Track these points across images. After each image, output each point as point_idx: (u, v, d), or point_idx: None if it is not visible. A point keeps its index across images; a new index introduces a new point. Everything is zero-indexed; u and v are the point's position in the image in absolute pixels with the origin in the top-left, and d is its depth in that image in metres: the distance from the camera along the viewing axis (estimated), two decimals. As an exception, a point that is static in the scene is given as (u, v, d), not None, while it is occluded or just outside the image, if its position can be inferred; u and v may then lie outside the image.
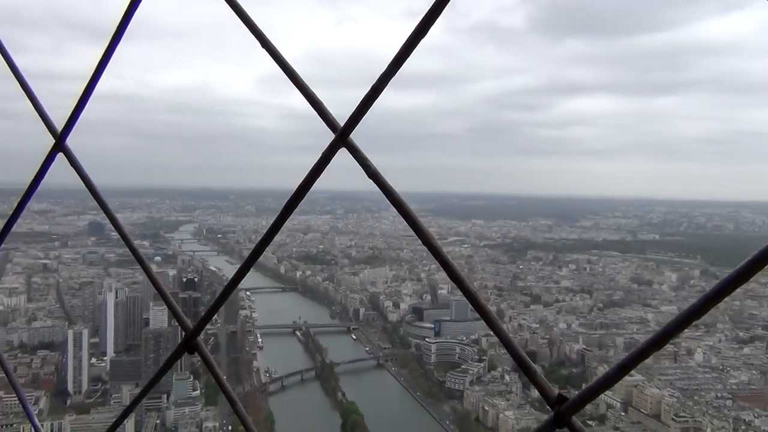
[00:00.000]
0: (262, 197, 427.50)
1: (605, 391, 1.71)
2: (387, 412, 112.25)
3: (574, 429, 1.68)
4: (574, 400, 1.66)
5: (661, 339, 1.48)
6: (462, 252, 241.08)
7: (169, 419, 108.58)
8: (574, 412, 1.66)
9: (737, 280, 1.37)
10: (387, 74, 1.96)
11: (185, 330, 2.64)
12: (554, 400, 1.69)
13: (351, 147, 2.10)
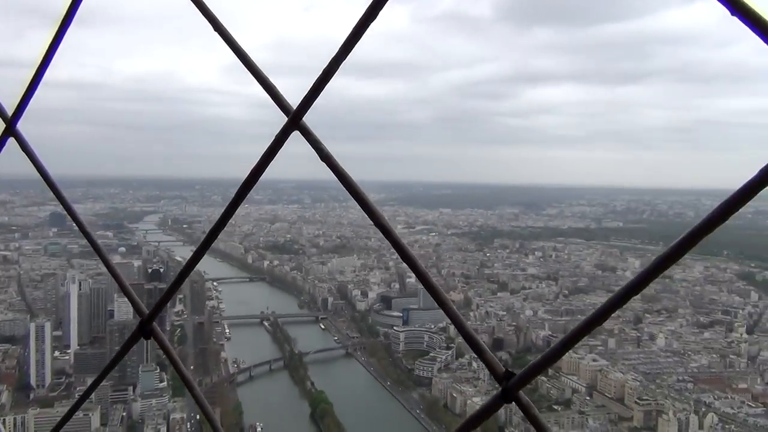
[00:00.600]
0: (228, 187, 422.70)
1: (550, 366, 1.79)
2: (356, 401, 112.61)
3: (521, 403, 1.74)
4: (520, 375, 1.72)
5: (601, 315, 1.55)
6: (430, 240, 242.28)
7: (136, 411, 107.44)
8: (521, 387, 1.72)
9: (671, 257, 1.42)
10: (338, 57, 1.94)
11: (140, 315, 2.66)
12: (502, 376, 1.75)
13: (304, 130, 2.10)
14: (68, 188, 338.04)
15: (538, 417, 1.75)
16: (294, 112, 2.10)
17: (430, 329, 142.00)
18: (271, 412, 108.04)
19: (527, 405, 1.75)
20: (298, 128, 2.10)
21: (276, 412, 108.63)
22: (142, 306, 2.70)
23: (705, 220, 1.34)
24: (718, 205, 1.31)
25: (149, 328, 2.65)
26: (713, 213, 1.32)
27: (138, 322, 2.59)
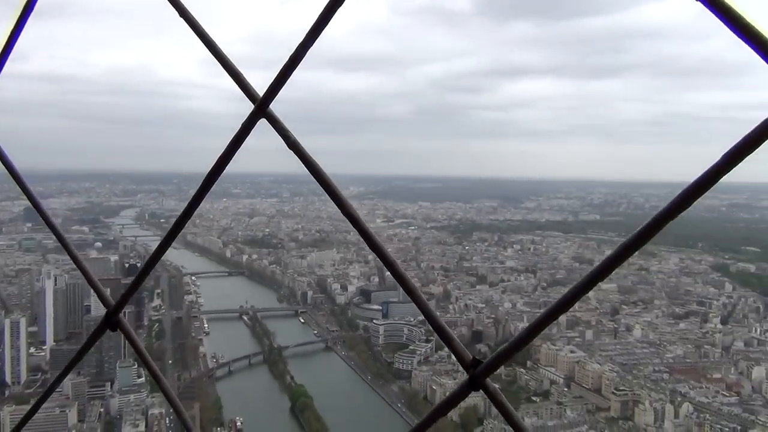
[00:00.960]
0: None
1: (516, 353, 1.76)
2: (336, 394, 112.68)
3: (488, 391, 1.76)
4: (487, 363, 1.73)
5: (565, 303, 1.56)
6: (409, 234, 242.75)
7: (114, 407, 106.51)
8: (488, 375, 1.74)
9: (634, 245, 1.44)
10: (305, 44, 1.94)
11: (107, 306, 2.65)
12: (469, 363, 1.75)
13: (270, 118, 2.08)
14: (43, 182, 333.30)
15: (505, 404, 1.75)
16: (260, 100, 2.08)
17: (410, 322, 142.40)
18: (251, 406, 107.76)
19: (494, 392, 1.76)
20: (265, 116, 2.08)
21: (256, 406, 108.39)
22: (108, 297, 2.70)
23: (665, 208, 1.37)
24: (679, 193, 1.35)
25: (115, 320, 2.63)
26: (674, 201, 1.36)
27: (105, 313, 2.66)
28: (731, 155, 1.23)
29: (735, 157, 1.23)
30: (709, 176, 1.29)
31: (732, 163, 1.24)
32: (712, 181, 1.29)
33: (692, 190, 1.34)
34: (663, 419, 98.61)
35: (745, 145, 1.21)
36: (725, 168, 1.25)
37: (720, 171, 1.26)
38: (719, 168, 1.26)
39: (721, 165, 1.26)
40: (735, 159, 1.23)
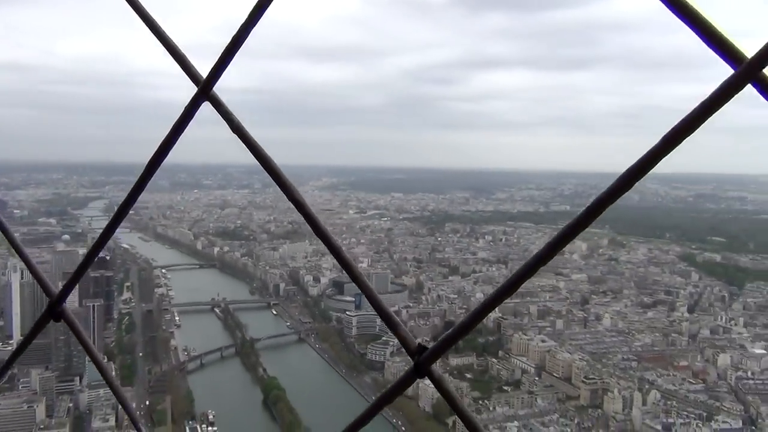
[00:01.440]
0: (176, 172, 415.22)
1: (460, 339, 1.76)
2: (309, 386, 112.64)
3: (433, 377, 1.75)
4: (432, 349, 1.73)
5: (510, 287, 1.55)
6: (381, 225, 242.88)
7: (83, 402, 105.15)
8: (434, 361, 1.73)
9: (576, 228, 1.45)
10: (248, 24, 1.89)
11: (50, 296, 2.60)
12: (415, 350, 1.75)
13: (214, 100, 2.04)
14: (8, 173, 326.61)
15: (450, 391, 1.74)
16: (204, 82, 2.03)
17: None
18: (223, 399, 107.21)
19: (439, 379, 1.75)
20: (208, 99, 2.04)
21: (228, 399, 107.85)
22: (50, 287, 2.65)
23: (608, 189, 1.40)
24: (621, 174, 1.37)
25: (58, 311, 2.58)
26: (617, 182, 1.38)
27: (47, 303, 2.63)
28: (668, 140, 1.27)
29: (672, 140, 1.27)
30: (649, 159, 1.31)
31: (670, 147, 1.28)
32: (652, 163, 1.31)
33: (633, 172, 1.35)
34: (631, 407, 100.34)
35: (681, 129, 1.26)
36: (663, 151, 1.29)
37: (658, 154, 1.29)
38: (657, 151, 1.29)
39: (659, 148, 1.29)
40: (672, 143, 1.27)
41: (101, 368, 2.46)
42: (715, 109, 1.26)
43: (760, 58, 1.18)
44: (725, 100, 1.24)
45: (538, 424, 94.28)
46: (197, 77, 2.08)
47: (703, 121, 1.27)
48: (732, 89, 1.22)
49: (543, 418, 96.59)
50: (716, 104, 1.24)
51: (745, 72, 1.19)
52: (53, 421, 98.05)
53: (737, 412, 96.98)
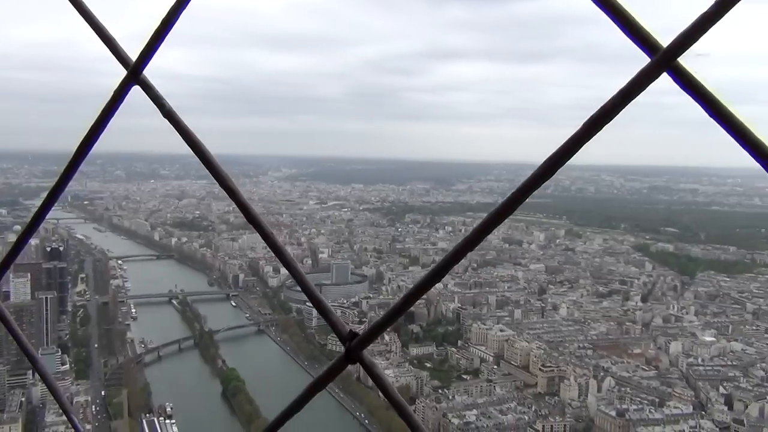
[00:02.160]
0: (132, 161, 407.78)
1: (391, 325, 1.77)
2: (269, 378, 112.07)
3: (364, 363, 1.77)
4: (362, 336, 1.75)
5: (438, 272, 1.55)
6: (342, 216, 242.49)
7: (36, 396, 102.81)
8: (364, 347, 1.75)
9: (503, 213, 1.47)
10: (177, 6, 1.85)
11: None
12: (346, 336, 1.77)
13: (144, 84, 2.00)
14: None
15: (381, 376, 1.74)
16: (133, 65, 1.99)
17: (343, 304, 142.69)
18: (182, 391, 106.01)
19: (370, 364, 1.77)
20: (138, 82, 2.00)
21: (186, 391, 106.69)
22: None
23: (531, 176, 1.40)
24: (543, 161, 1.39)
25: None
26: (539, 169, 1.38)
27: None
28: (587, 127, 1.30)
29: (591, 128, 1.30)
30: (569, 146, 1.33)
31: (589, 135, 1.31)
32: (572, 151, 1.34)
33: (555, 159, 1.36)
34: (587, 394, 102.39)
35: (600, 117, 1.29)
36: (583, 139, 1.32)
37: (579, 142, 1.32)
38: (578, 139, 1.32)
39: (579, 136, 1.33)
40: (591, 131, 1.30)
41: (32, 359, 2.31)
42: (632, 97, 1.28)
43: (674, 47, 1.20)
44: (642, 88, 1.26)
45: (496, 411, 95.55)
46: (126, 60, 2.03)
47: (621, 109, 1.29)
48: (648, 78, 1.24)
49: (501, 406, 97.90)
50: (633, 92, 1.26)
51: (660, 61, 1.21)
52: (5, 415, 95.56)
53: (688, 397, 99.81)
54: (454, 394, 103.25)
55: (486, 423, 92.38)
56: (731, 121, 1.17)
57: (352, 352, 1.75)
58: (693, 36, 1.18)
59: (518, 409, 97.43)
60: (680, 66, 1.22)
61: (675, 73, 1.22)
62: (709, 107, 1.20)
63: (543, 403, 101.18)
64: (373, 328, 1.71)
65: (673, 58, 1.21)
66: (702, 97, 1.20)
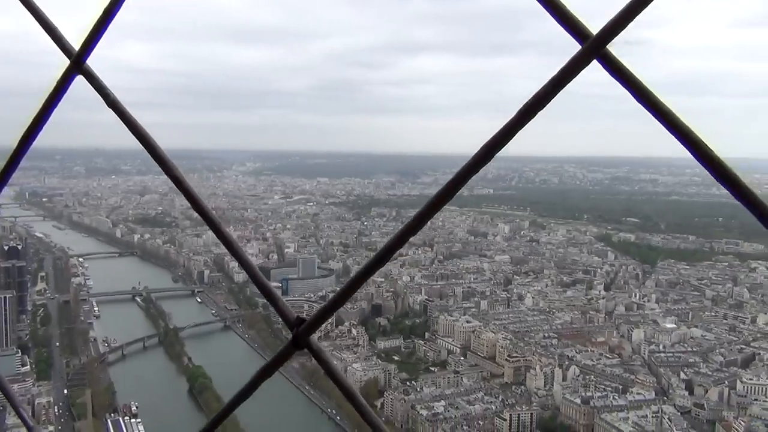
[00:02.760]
0: (92, 157, 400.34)
1: (337, 310, 1.79)
2: (236, 374, 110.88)
3: (312, 349, 1.78)
4: (309, 322, 1.76)
5: (381, 258, 1.58)
6: (307, 210, 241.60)
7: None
8: (311, 333, 1.76)
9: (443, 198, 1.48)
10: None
11: None
12: (293, 323, 1.78)
13: (88, 74, 1.96)
14: None
15: (329, 362, 1.75)
16: (76, 55, 1.94)
17: (310, 299, 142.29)
18: (147, 390, 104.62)
19: (318, 350, 1.78)
20: (81, 72, 1.96)
21: (152, 389, 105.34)
22: None
23: (469, 162, 1.42)
24: (480, 147, 1.41)
25: None
26: (477, 155, 1.41)
27: None
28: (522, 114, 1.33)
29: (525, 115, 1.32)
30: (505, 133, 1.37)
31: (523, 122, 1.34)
32: (508, 137, 1.37)
33: (491, 145, 1.38)
34: (552, 382, 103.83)
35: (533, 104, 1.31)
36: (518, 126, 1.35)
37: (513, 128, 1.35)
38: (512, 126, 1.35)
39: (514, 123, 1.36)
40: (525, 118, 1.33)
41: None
42: (564, 85, 1.30)
43: (603, 34, 1.23)
44: (573, 75, 1.29)
45: (464, 402, 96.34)
46: (69, 50, 1.99)
47: (553, 96, 1.31)
48: (579, 65, 1.27)
49: (469, 397, 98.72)
50: (564, 80, 1.29)
51: (590, 48, 1.24)
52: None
53: (650, 383, 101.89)
54: (422, 386, 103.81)
55: (454, 414, 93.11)
56: (659, 108, 1.19)
57: (299, 338, 1.77)
58: (621, 24, 1.20)
59: (485, 399, 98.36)
60: (609, 53, 1.24)
61: (604, 61, 1.25)
62: (637, 94, 1.22)
63: (510, 393, 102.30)
64: (319, 314, 1.72)
65: (602, 45, 1.23)
66: (631, 84, 1.22)
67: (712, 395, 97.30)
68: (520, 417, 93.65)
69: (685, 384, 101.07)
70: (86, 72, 1.98)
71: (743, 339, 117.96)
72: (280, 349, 1.83)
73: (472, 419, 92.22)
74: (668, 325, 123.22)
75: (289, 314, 1.80)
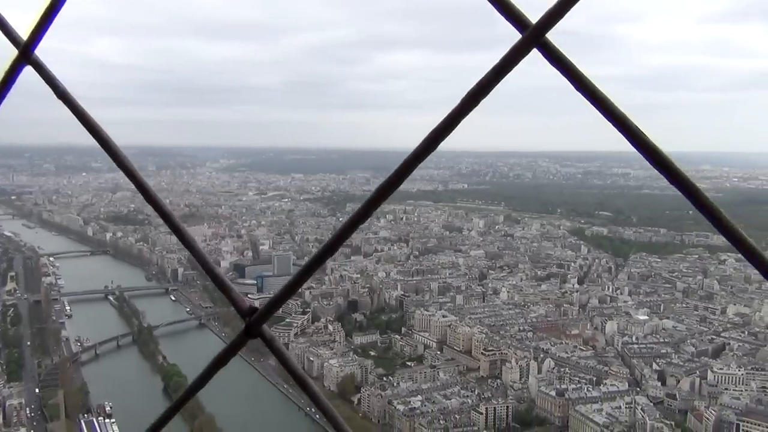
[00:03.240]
0: (62, 154, 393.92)
1: (289, 298, 1.78)
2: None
3: (265, 338, 1.79)
4: (261, 310, 1.76)
5: (331, 247, 1.60)
6: (282, 206, 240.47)
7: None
8: (264, 322, 1.76)
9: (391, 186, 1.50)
10: None
11: None
12: (246, 312, 1.78)
13: (36, 64, 1.93)
14: None
15: (281, 350, 1.76)
16: (24, 45, 1.91)
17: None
18: (121, 389, 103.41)
19: (271, 338, 1.77)
20: (29, 62, 1.93)
21: (126, 389, 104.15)
22: None
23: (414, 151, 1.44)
24: (425, 136, 1.43)
25: None
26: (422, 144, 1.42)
27: None
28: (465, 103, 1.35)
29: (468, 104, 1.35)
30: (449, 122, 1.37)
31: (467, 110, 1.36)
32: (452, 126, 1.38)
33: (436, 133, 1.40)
34: (528, 375, 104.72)
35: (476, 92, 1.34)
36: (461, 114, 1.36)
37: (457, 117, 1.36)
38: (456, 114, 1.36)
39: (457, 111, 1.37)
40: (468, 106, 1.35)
41: None
42: (505, 73, 1.33)
43: (542, 23, 1.26)
44: (513, 63, 1.31)
45: (440, 396, 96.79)
46: (17, 40, 1.95)
47: (495, 84, 1.35)
48: (519, 53, 1.29)
49: (445, 391, 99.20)
50: (506, 68, 1.32)
51: (530, 37, 1.26)
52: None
53: (624, 375, 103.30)
54: (398, 381, 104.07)
55: (431, 408, 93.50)
56: (596, 96, 1.21)
57: (252, 328, 1.76)
58: (559, 13, 1.23)
59: (462, 393, 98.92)
60: (549, 42, 1.26)
61: (544, 49, 1.27)
62: (576, 82, 1.24)
63: (486, 387, 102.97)
64: (272, 303, 1.72)
65: (541, 34, 1.26)
66: (569, 72, 1.24)
67: (683, 385, 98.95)
68: (496, 410, 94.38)
69: (658, 375, 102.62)
70: (34, 62, 1.94)
71: (714, 329, 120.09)
72: (233, 339, 1.82)
73: (448, 413, 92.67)
74: (641, 317, 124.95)
75: (242, 303, 1.79)
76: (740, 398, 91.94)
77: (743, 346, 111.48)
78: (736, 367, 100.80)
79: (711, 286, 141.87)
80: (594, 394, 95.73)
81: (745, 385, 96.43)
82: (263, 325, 1.76)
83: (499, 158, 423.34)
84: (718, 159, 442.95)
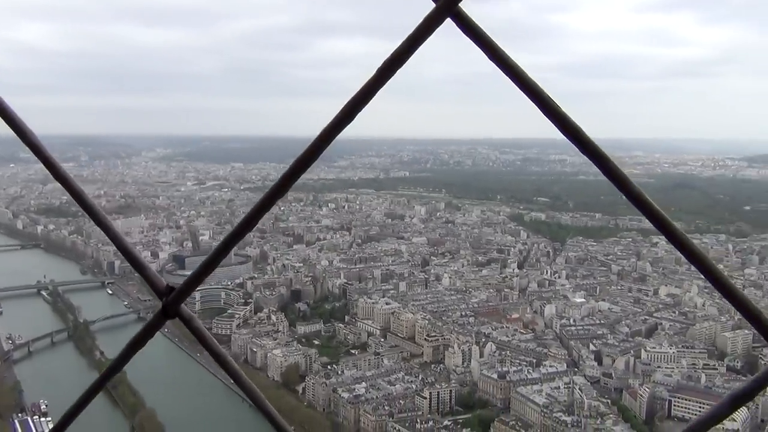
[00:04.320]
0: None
1: (205, 277, 1.76)
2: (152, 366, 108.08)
3: (183, 317, 1.79)
4: (178, 290, 1.75)
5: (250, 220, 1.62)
6: (222, 196, 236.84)
7: None
8: (181, 301, 1.76)
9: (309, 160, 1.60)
10: None
11: None
12: (163, 291, 1.76)
13: None
14: None
15: (200, 329, 1.74)
16: None
17: (227, 286, 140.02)
18: (57, 387, 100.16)
19: (189, 317, 1.77)
20: None
21: (62, 386, 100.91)
22: None
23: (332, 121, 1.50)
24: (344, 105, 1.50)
25: None
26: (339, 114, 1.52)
27: None
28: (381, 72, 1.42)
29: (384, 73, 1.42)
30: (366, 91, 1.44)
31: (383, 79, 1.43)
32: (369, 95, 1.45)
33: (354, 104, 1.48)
34: (470, 359, 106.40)
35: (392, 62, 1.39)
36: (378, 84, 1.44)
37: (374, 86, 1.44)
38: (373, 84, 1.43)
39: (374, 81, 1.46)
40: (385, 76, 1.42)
41: None
42: (420, 43, 1.36)
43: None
44: (428, 33, 1.34)
45: (384, 383, 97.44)
46: None
47: (411, 54, 1.38)
48: (433, 23, 1.31)
49: (389, 377, 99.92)
50: (420, 38, 1.35)
51: (443, 6, 1.28)
52: None
53: (562, 356, 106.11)
54: (343, 369, 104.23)
55: (375, 395, 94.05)
56: (509, 65, 1.25)
57: (168, 308, 1.73)
58: None
59: (406, 378, 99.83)
60: (462, 12, 1.29)
61: (458, 19, 1.29)
62: (489, 52, 1.27)
63: (429, 372, 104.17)
64: (188, 282, 1.69)
65: (455, 3, 1.28)
66: (483, 42, 1.27)
67: (619, 364, 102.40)
68: (439, 394, 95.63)
69: (594, 355, 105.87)
70: None
71: (646, 310, 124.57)
72: (149, 319, 1.80)
73: (393, 399, 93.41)
74: (578, 300, 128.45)
75: (159, 283, 1.76)
76: (672, 375, 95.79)
77: (674, 325, 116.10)
78: (668, 346, 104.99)
79: (644, 268, 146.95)
80: (534, 375, 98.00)
81: (676, 363, 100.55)
82: (181, 304, 1.74)
83: (440, 146, 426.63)
84: (650, 145, 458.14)
